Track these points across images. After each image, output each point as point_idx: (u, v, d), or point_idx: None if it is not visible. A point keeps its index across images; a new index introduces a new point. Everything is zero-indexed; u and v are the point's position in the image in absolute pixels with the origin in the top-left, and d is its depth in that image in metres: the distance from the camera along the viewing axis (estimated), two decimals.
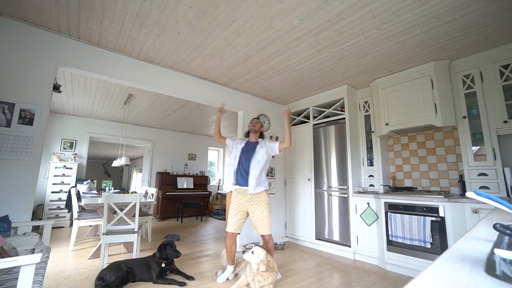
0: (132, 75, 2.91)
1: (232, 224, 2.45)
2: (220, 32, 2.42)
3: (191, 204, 6.30)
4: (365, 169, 3.61)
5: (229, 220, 2.48)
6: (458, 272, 0.40)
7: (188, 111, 5.27)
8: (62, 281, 2.38)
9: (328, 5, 2.02)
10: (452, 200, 2.49)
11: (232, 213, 2.47)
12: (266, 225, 2.40)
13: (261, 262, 2.10)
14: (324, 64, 3.04)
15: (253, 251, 2.16)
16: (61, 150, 5.41)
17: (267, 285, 2.12)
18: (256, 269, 2.11)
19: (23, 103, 2.23)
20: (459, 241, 0.61)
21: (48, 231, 2.14)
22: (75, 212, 3.48)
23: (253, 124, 2.66)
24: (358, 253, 3.24)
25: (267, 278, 2.10)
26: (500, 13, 2.10)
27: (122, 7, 2.11)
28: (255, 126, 2.65)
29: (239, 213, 2.47)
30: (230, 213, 2.49)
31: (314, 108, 4.11)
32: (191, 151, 7.53)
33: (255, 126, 2.65)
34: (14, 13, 2.19)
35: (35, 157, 2.24)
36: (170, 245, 2.51)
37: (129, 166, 13.30)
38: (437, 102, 2.79)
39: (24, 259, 1.02)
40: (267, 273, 2.11)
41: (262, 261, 2.10)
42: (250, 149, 2.56)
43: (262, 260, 2.10)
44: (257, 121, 2.69)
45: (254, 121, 2.70)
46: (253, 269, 2.13)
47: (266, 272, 2.11)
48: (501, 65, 2.55)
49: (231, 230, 2.44)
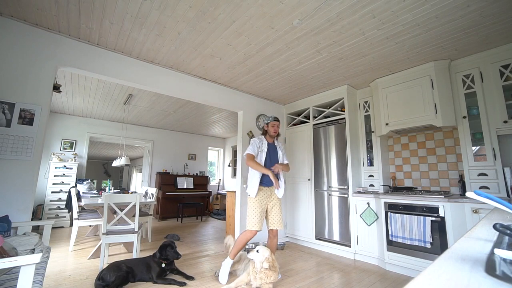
0: (132, 75, 2.91)
1: (260, 222, 2.47)
2: (220, 32, 2.42)
3: (191, 204, 6.30)
4: (365, 169, 3.61)
5: (255, 218, 2.46)
6: (458, 272, 0.40)
7: (188, 111, 5.27)
8: (62, 281, 2.38)
9: (328, 5, 2.02)
10: (452, 200, 2.49)
11: (258, 211, 2.48)
12: (281, 220, 2.60)
13: (265, 260, 2.15)
14: (324, 64, 3.04)
15: (258, 250, 2.20)
16: (61, 150, 5.41)
17: (268, 283, 2.15)
18: (259, 266, 2.15)
19: (23, 103, 2.23)
20: (459, 241, 0.61)
21: (48, 231, 2.14)
22: (75, 212, 3.48)
23: (274, 130, 2.69)
24: (358, 253, 3.24)
25: (269, 276, 2.15)
26: (500, 13, 2.10)
27: (122, 7, 2.11)
28: (277, 131, 2.71)
29: (263, 211, 2.55)
30: (255, 211, 2.47)
31: (314, 108, 4.11)
32: (191, 151, 7.53)
33: (276, 131, 2.71)
34: (14, 13, 2.19)
35: (35, 157, 2.24)
36: (170, 246, 2.51)
37: (129, 166, 13.30)
38: (437, 102, 2.79)
39: (24, 259, 1.02)
40: (270, 272, 2.15)
41: (267, 258, 2.16)
42: (273, 151, 2.70)
43: (267, 258, 2.16)
44: (279, 124, 2.74)
45: (277, 124, 2.70)
46: (257, 267, 2.16)
47: (269, 270, 2.15)
48: (501, 65, 2.55)
49: (258, 229, 2.45)
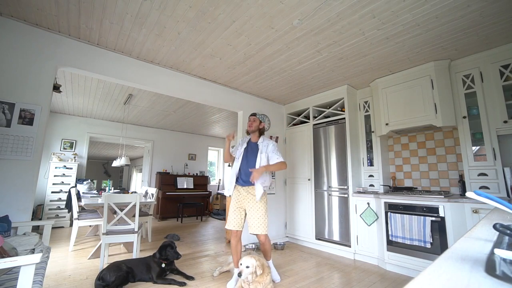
0: (132, 75, 2.91)
1: (232, 221, 2.42)
2: (220, 32, 2.42)
3: (191, 204, 6.30)
4: (365, 169, 3.61)
5: (228, 217, 2.47)
6: (458, 272, 0.40)
7: (188, 111, 5.27)
8: (62, 281, 2.38)
9: (328, 5, 2.02)
10: (452, 200, 2.49)
11: (231, 210, 2.46)
12: (260, 224, 2.33)
13: (256, 268, 2.08)
14: (324, 64, 3.04)
15: (247, 266, 2.09)
16: (61, 150, 5.41)
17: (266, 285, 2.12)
18: (252, 278, 2.08)
19: (23, 103, 2.23)
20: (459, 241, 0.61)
21: (48, 231, 2.14)
22: (75, 212, 3.48)
23: (249, 124, 2.54)
24: (358, 253, 3.24)
25: (261, 282, 2.10)
26: (500, 13, 2.10)
27: (122, 7, 2.11)
28: (252, 126, 2.53)
29: (237, 210, 2.45)
30: (229, 210, 2.49)
31: (314, 108, 4.11)
32: (191, 151, 7.53)
33: (252, 126, 2.53)
34: (14, 13, 2.19)
35: (35, 157, 2.24)
36: (170, 246, 2.51)
37: (129, 166, 13.29)
38: (437, 102, 2.79)
39: (24, 259, 1.02)
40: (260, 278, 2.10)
41: (257, 265, 2.09)
42: (253, 152, 2.51)
43: (257, 265, 2.09)
44: (254, 119, 2.55)
45: (251, 118, 2.56)
46: (249, 279, 2.09)
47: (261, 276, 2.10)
48: (501, 65, 2.55)
49: (229, 227, 2.41)
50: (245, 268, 2.09)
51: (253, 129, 2.53)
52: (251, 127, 2.53)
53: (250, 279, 2.09)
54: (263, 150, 2.48)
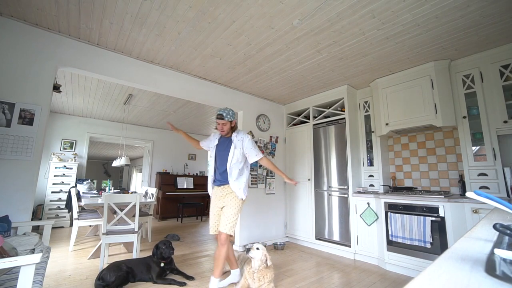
0: (132, 75, 2.91)
1: (213, 225, 2.28)
2: (220, 32, 2.42)
3: (191, 204, 6.30)
4: (365, 169, 3.61)
5: (210, 222, 2.32)
6: (458, 272, 0.40)
7: (188, 111, 5.27)
8: (62, 281, 2.38)
9: (328, 5, 2.02)
10: (452, 200, 2.49)
11: (211, 214, 2.32)
12: (227, 222, 2.14)
13: (265, 257, 2.16)
14: (324, 64, 3.04)
15: (258, 247, 2.19)
16: (61, 150, 5.41)
17: (267, 282, 2.14)
18: (258, 265, 2.14)
19: (23, 103, 2.23)
20: (459, 241, 0.61)
21: (48, 231, 2.14)
22: (75, 212, 3.48)
23: (220, 129, 2.26)
24: (358, 253, 3.24)
25: (265, 275, 2.15)
26: (500, 13, 2.10)
27: (122, 7, 2.11)
28: (223, 130, 2.25)
29: (217, 212, 2.29)
30: (210, 214, 2.34)
31: (314, 108, 4.11)
32: (191, 151, 7.53)
33: (224, 130, 2.26)
34: (14, 13, 2.19)
35: (35, 157, 2.24)
36: (163, 243, 2.52)
37: (129, 166, 13.30)
38: (437, 102, 2.79)
39: (24, 259, 1.02)
40: (265, 270, 2.15)
41: (266, 255, 2.17)
42: (224, 147, 2.31)
43: (266, 254, 2.17)
44: (224, 123, 2.22)
45: (220, 122, 2.23)
46: (255, 266, 2.15)
47: (264, 269, 2.15)
48: (501, 65, 2.55)
49: (212, 232, 2.27)
50: (255, 249, 2.17)
51: (226, 132, 2.28)
52: (223, 131, 2.27)
53: (257, 266, 2.14)
54: (237, 145, 2.25)
